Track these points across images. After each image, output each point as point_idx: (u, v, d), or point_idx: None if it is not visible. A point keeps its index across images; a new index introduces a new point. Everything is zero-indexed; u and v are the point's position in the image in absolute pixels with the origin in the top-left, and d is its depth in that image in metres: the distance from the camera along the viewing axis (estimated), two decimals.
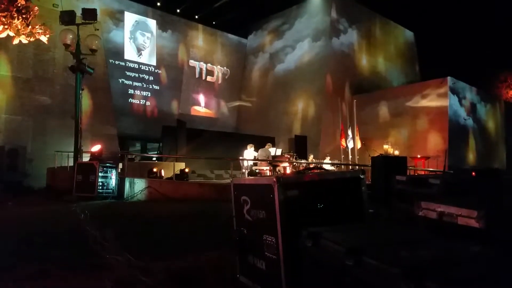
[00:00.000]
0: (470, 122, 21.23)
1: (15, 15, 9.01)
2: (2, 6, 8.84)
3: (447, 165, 13.08)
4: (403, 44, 29.93)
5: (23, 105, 16.09)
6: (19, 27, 9.18)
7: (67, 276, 3.61)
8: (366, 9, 26.09)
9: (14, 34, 9.39)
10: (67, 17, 11.41)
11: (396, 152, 17.03)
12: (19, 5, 9.05)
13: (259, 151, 13.15)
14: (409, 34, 30.50)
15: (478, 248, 1.63)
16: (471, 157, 20.78)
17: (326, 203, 2.60)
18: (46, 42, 10.53)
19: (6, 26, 9.16)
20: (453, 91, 20.03)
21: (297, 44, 25.11)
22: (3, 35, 9.35)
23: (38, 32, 9.70)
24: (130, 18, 22.77)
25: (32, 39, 9.80)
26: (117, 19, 22.12)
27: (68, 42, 11.47)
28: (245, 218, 2.92)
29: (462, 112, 20.65)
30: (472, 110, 21.69)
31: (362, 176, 2.77)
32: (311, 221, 2.22)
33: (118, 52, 22.01)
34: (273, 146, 16.54)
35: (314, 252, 1.86)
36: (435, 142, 19.26)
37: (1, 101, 15.65)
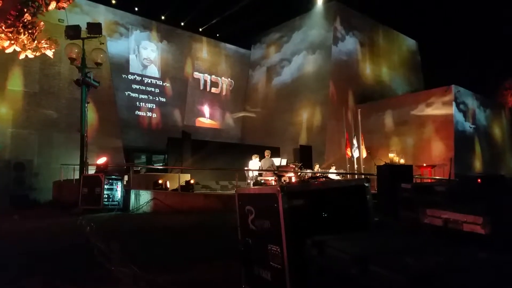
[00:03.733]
0: (475, 130, 21.11)
1: (22, 31, 9.13)
2: (9, 21, 8.96)
3: (453, 173, 12.98)
4: (407, 52, 30.00)
5: (29, 119, 16.24)
6: (25, 42, 9.30)
7: None
8: (369, 19, 26.25)
9: (20, 49, 9.51)
10: (72, 32, 11.57)
11: (402, 161, 16.93)
12: (25, 20, 9.18)
13: (262, 161, 13.08)
14: (412, 43, 30.60)
15: (484, 254, 1.61)
16: (477, 165, 20.61)
17: (331, 211, 2.59)
18: (51, 57, 10.64)
19: (12, 41, 9.28)
20: (458, 99, 19.96)
21: (300, 55, 25.24)
22: (10, 50, 9.47)
23: (44, 47, 9.81)
24: (135, 31, 23.05)
25: (38, 54, 9.92)
26: (122, 33, 22.40)
27: (74, 56, 11.60)
28: (249, 228, 2.91)
29: (467, 120, 20.55)
30: (477, 118, 21.59)
31: (366, 184, 2.76)
32: (316, 230, 2.21)
33: (123, 66, 22.24)
34: (278, 156, 16.51)
35: (319, 261, 1.84)
36: (441, 150, 19.15)
37: (8, 115, 15.81)
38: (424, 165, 16.73)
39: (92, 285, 3.72)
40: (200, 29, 26.18)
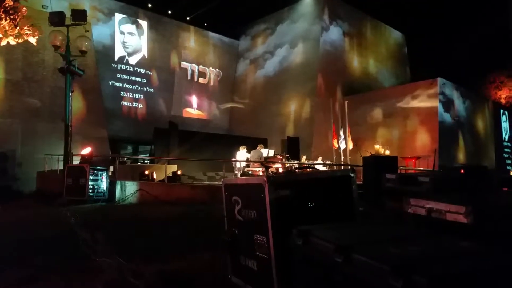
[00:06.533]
0: (460, 122, 21.45)
1: (3, 16, 8.91)
2: None
3: (437, 165, 13.19)
4: (394, 45, 30.20)
5: (12, 108, 15.90)
6: (7, 28, 9.09)
7: (57, 280, 3.57)
8: (357, 11, 26.27)
9: (1, 35, 9.29)
10: (56, 18, 11.30)
11: (387, 152, 17.12)
12: (6, 5, 8.95)
13: (251, 152, 13.14)
14: (399, 36, 30.78)
15: (466, 243, 1.64)
16: (461, 156, 20.98)
17: (317, 202, 2.60)
18: (35, 44, 10.43)
19: None
20: (443, 91, 20.22)
21: (289, 46, 25.19)
22: None
23: (27, 33, 9.61)
24: (121, 19, 22.66)
25: (20, 41, 9.72)
26: (108, 20, 21.99)
27: (58, 43, 11.35)
28: (236, 218, 2.91)
29: (452, 113, 20.85)
30: (462, 110, 21.92)
31: (352, 175, 2.77)
32: (302, 220, 2.22)
33: (108, 54, 21.88)
34: (266, 147, 16.54)
35: (304, 250, 1.86)
36: (425, 142, 19.43)
37: None
38: (409, 156, 16.97)
39: (77, 276, 3.69)
40: (188, 18, 25.85)
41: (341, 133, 18.31)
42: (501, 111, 25.77)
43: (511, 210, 2.35)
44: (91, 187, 10.19)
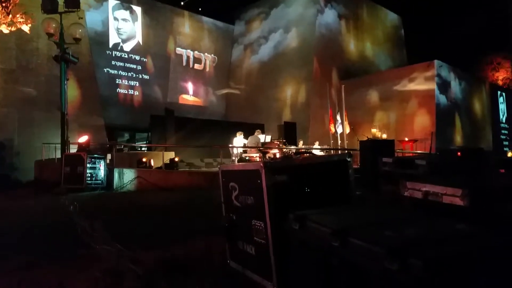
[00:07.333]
0: (456, 104, 21.45)
1: None
2: None
3: (434, 147, 13.23)
4: (390, 28, 29.93)
5: (8, 97, 15.78)
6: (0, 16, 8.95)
7: (56, 267, 3.59)
8: None
9: None
10: (49, 5, 11.13)
11: (384, 136, 17.15)
12: None
13: (249, 138, 13.15)
14: (395, 18, 30.48)
15: (462, 226, 1.65)
16: (458, 139, 21.04)
17: (314, 186, 2.61)
18: (28, 32, 10.29)
19: None
20: (440, 74, 20.16)
21: (284, 30, 24.94)
22: None
23: (20, 21, 9.47)
24: (114, 5, 22.32)
25: (13, 29, 9.57)
26: (99, 7, 21.64)
27: (51, 31, 11.21)
28: (233, 204, 2.92)
29: (449, 95, 20.83)
30: (459, 93, 21.90)
31: (349, 159, 2.77)
32: (299, 205, 2.23)
33: (102, 41, 21.61)
34: (263, 133, 16.54)
35: (301, 235, 1.87)
36: (422, 125, 19.45)
37: None
38: (406, 139, 17.02)
39: (76, 263, 3.71)
40: (182, 3, 25.49)
41: (338, 117, 18.29)
42: (498, 92, 25.76)
43: (508, 192, 2.36)
44: (89, 175, 10.20)
